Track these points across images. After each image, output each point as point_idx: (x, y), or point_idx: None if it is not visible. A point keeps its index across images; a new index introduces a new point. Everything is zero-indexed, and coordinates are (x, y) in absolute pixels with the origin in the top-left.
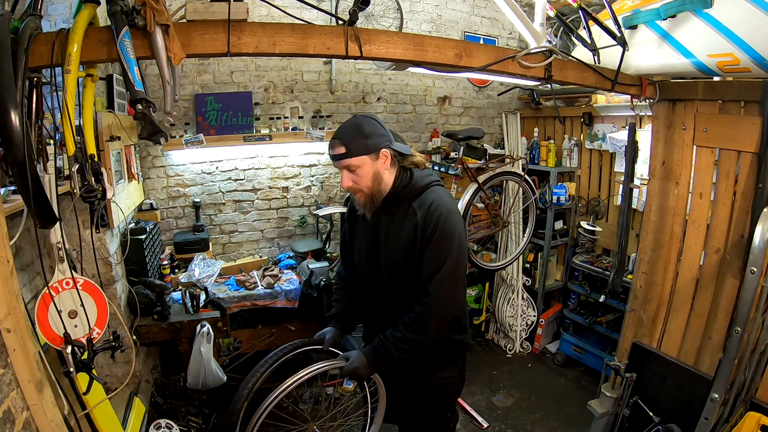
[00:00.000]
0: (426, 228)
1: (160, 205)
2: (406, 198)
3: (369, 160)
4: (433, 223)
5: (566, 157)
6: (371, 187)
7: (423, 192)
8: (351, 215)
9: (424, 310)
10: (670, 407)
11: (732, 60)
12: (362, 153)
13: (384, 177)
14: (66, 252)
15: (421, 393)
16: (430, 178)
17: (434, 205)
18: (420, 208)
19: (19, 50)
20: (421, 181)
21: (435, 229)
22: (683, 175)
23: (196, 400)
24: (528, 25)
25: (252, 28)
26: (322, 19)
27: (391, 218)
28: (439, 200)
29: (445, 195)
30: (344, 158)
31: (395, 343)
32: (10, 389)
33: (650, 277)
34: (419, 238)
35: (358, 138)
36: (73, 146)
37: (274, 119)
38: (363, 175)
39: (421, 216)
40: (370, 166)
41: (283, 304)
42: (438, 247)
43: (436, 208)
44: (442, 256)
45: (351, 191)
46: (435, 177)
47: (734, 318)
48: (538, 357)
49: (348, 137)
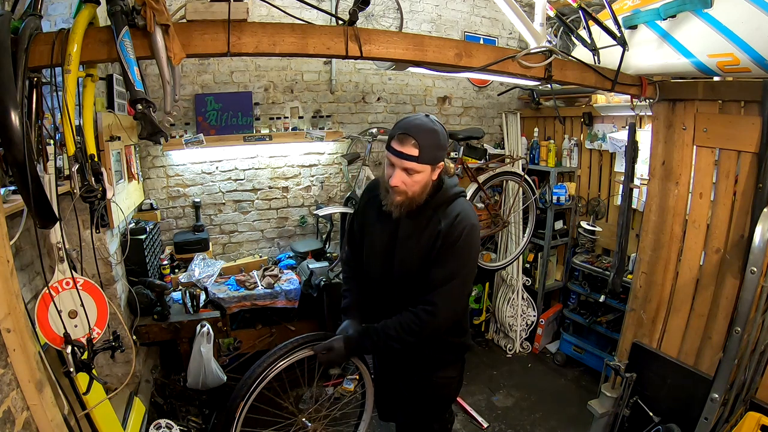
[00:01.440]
0: (448, 238)
1: (160, 205)
2: (432, 205)
3: (429, 169)
4: (455, 234)
5: (566, 157)
6: (417, 193)
7: (450, 202)
8: (367, 206)
9: (427, 318)
10: (670, 407)
11: (732, 60)
12: (430, 163)
13: (428, 186)
14: (66, 252)
15: (419, 392)
16: (457, 189)
17: (460, 218)
18: (445, 218)
19: (19, 50)
20: (450, 191)
21: (456, 241)
22: (683, 175)
23: (196, 400)
24: (528, 25)
25: (252, 28)
26: (322, 19)
27: (412, 222)
28: (464, 213)
29: (470, 209)
30: (412, 161)
31: (386, 339)
32: (10, 389)
33: (650, 277)
34: (438, 247)
35: (435, 149)
36: (73, 146)
37: (274, 119)
38: (417, 180)
39: (445, 225)
40: (427, 175)
41: (283, 304)
42: (455, 258)
43: (462, 221)
44: (457, 269)
45: (395, 191)
46: (461, 188)
47: (734, 318)
48: (538, 357)
49: (426, 143)
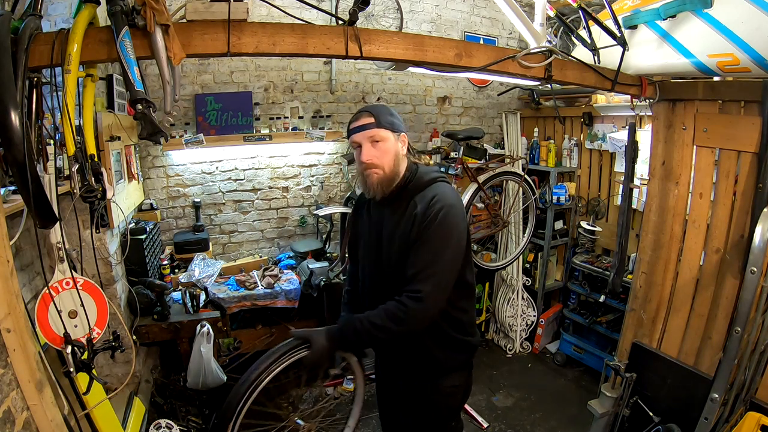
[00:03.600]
0: (423, 220)
1: (160, 205)
2: (410, 192)
3: (392, 138)
4: (431, 216)
5: (566, 157)
6: (391, 167)
7: (426, 186)
8: (356, 214)
9: (412, 304)
10: (670, 407)
11: (732, 60)
12: (388, 128)
13: (401, 162)
14: (66, 252)
15: (421, 401)
16: (435, 174)
17: (435, 199)
18: (421, 201)
19: (19, 50)
20: (426, 176)
21: (432, 223)
22: (683, 175)
23: (196, 400)
24: (528, 25)
25: (252, 28)
26: (322, 19)
27: (393, 212)
28: (441, 195)
29: (449, 190)
30: (371, 128)
31: (371, 328)
32: (10, 389)
33: (650, 277)
34: (415, 231)
35: (386, 114)
36: (73, 146)
37: (274, 119)
38: (386, 150)
39: (421, 209)
40: (393, 143)
41: (283, 304)
42: (434, 240)
43: (437, 202)
44: (437, 251)
45: (369, 168)
46: (440, 173)
47: (734, 318)
48: (538, 357)
49: (377, 111)
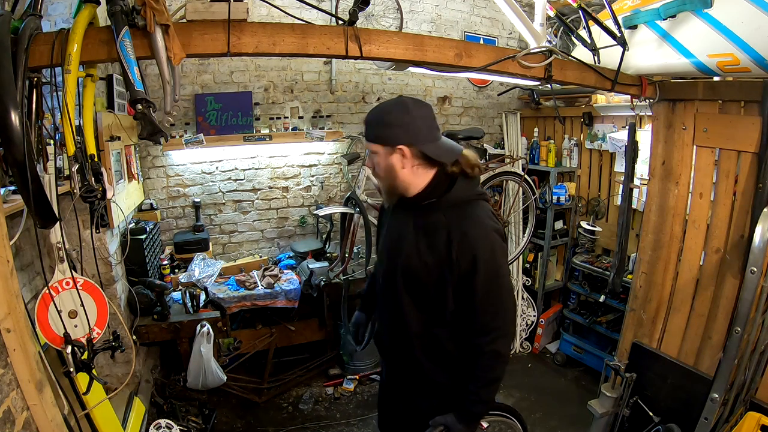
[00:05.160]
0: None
1: (160, 205)
2: (441, 207)
3: (383, 151)
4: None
5: (566, 157)
6: (384, 179)
7: (459, 205)
8: (383, 213)
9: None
10: (670, 407)
11: (732, 60)
12: (375, 141)
13: (400, 174)
14: (66, 252)
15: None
16: (468, 193)
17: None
18: (453, 222)
19: (19, 50)
20: (463, 193)
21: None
22: (683, 175)
23: (196, 400)
24: (528, 25)
25: (252, 28)
26: (322, 19)
27: (417, 221)
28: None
29: (485, 218)
30: (366, 139)
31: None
32: (10, 389)
33: (650, 277)
34: (455, 265)
35: (377, 125)
36: (73, 146)
37: (274, 119)
38: (377, 162)
39: (456, 242)
40: (383, 157)
41: (283, 304)
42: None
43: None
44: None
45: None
46: (478, 193)
47: (734, 318)
48: (538, 357)
49: (370, 120)
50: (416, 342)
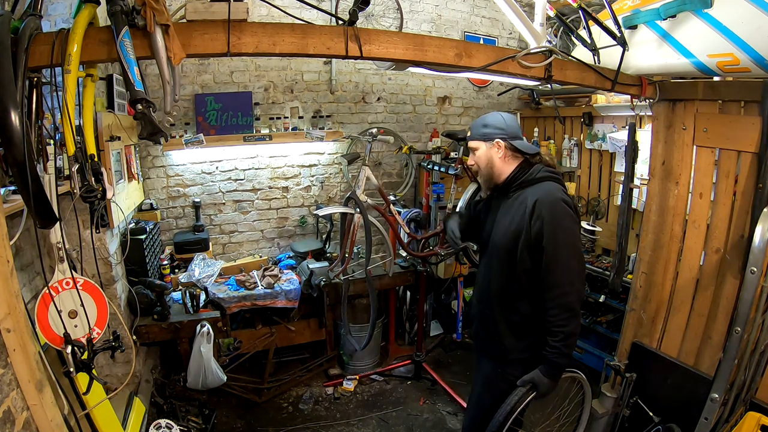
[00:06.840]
0: (537, 219)
1: (160, 205)
2: (519, 185)
3: (484, 146)
4: (546, 222)
5: (566, 157)
6: (482, 168)
7: (533, 183)
8: (482, 203)
9: (564, 301)
10: (670, 407)
11: (732, 60)
12: (478, 138)
13: (496, 164)
14: (66, 252)
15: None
16: (542, 173)
17: (540, 200)
18: (531, 195)
19: (19, 50)
20: (536, 173)
21: (544, 221)
22: (683, 175)
23: (196, 400)
24: (528, 25)
25: (252, 28)
26: (322, 19)
27: (505, 203)
28: (545, 194)
29: (554, 189)
30: (468, 139)
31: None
32: (10, 389)
33: (650, 277)
34: (528, 228)
35: (479, 126)
36: (73, 146)
37: (274, 119)
38: (478, 157)
39: (530, 204)
40: (484, 151)
41: (283, 304)
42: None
43: (542, 203)
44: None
45: (472, 169)
46: (548, 173)
47: (734, 318)
48: None
49: (474, 124)
50: (497, 307)
